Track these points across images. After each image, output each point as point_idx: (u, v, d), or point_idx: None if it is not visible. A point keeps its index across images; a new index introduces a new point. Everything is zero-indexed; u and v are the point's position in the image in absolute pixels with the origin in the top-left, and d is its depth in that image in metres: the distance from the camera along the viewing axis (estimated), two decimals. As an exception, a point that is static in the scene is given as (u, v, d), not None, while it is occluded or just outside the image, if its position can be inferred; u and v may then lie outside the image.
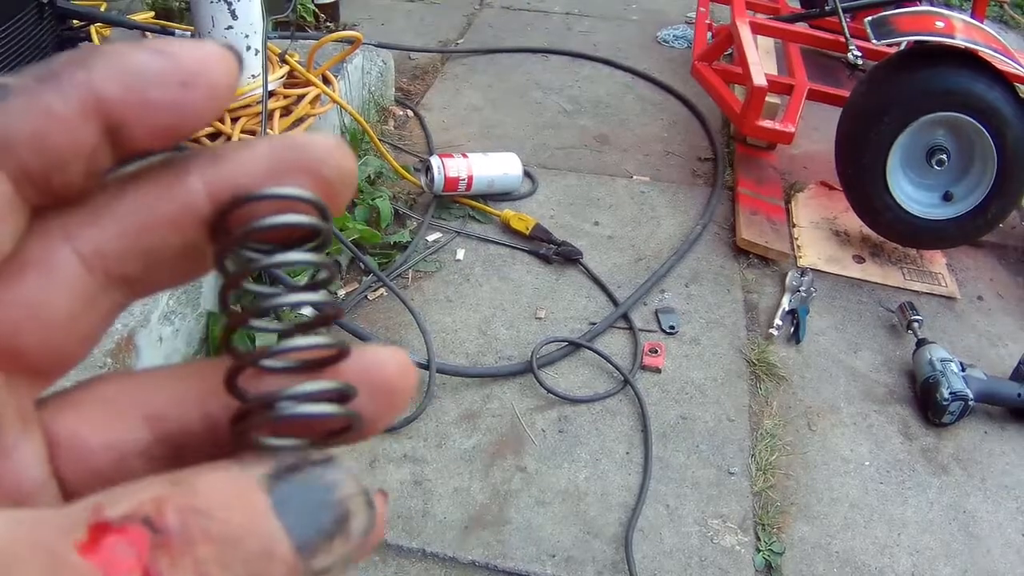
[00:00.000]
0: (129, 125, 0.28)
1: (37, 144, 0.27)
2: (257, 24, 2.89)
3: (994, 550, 2.38)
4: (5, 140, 0.27)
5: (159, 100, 0.28)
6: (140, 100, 0.27)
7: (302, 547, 0.26)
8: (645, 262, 3.19)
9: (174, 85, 0.28)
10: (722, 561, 2.25)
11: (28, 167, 0.27)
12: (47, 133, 0.27)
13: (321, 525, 0.26)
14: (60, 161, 0.27)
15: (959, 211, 3.16)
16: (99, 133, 0.27)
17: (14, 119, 0.27)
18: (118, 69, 0.28)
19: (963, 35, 3.04)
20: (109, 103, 0.27)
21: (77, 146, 0.27)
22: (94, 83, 0.27)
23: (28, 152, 0.27)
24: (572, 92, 4.33)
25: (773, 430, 2.61)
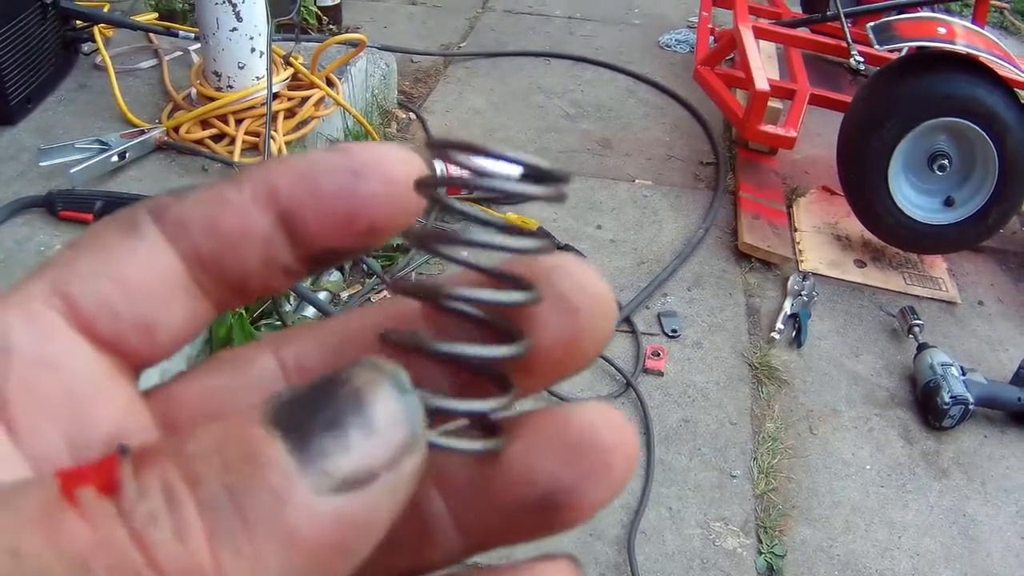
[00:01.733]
0: (302, 213, 0.28)
1: (209, 226, 0.28)
2: (261, 26, 2.90)
3: (994, 553, 2.38)
4: (179, 222, 0.28)
5: (329, 188, 0.28)
6: (311, 189, 0.28)
7: (299, 445, 0.22)
8: (647, 266, 3.19)
9: (345, 173, 0.28)
10: (724, 564, 2.25)
11: (200, 250, 0.28)
12: (219, 217, 0.28)
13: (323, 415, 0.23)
14: (232, 245, 0.28)
15: (960, 216, 3.16)
16: (273, 221, 0.28)
17: (190, 205, 0.28)
18: (294, 164, 0.29)
19: (964, 41, 3.04)
20: (282, 192, 0.28)
21: (249, 231, 0.28)
22: (270, 176, 0.28)
23: (200, 234, 0.28)
24: (574, 96, 4.34)
25: (775, 433, 2.62)
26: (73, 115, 3.03)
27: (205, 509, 0.21)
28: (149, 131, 2.84)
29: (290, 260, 0.29)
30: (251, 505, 0.22)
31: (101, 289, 0.27)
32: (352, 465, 0.22)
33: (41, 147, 2.71)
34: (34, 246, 2.42)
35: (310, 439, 0.22)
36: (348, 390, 0.23)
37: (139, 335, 0.27)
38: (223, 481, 0.22)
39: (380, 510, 0.23)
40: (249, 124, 2.93)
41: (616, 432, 0.29)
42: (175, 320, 0.28)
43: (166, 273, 0.28)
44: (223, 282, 0.29)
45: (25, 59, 2.92)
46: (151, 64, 3.39)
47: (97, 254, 0.27)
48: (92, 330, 0.27)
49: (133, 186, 2.68)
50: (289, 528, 0.22)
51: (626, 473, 0.28)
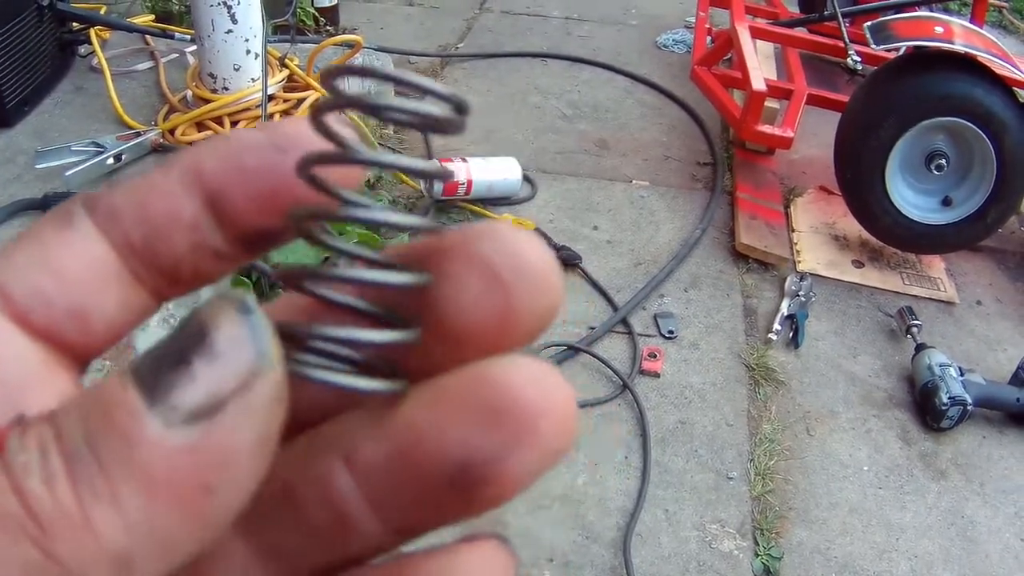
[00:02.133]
0: (228, 192, 0.28)
1: (138, 213, 0.28)
2: (257, 28, 2.90)
3: (992, 555, 2.38)
4: (111, 212, 0.28)
5: (253, 165, 0.28)
6: (235, 166, 0.28)
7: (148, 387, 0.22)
8: (644, 267, 3.19)
9: (268, 149, 0.28)
10: (720, 566, 2.25)
11: (131, 237, 0.28)
12: (147, 203, 0.28)
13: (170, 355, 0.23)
14: (160, 230, 0.28)
15: (958, 216, 3.16)
16: (200, 203, 0.28)
17: (121, 194, 0.28)
18: (220, 144, 0.29)
19: (962, 40, 3.04)
20: (208, 173, 0.28)
21: (175, 214, 0.28)
22: (196, 158, 0.28)
23: (130, 221, 0.28)
24: (571, 97, 4.34)
25: (772, 435, 2.61)
26: (69, 117, 3.03)
27: (67, 457, 0.22)
28: (145, 133, 2.84)
29: (220, 243, 0.29)
30: (105, 448, 0.22)
31: (34, 279, 0.27)
32: (198, 394, 0.22)
33: (37, 150, 2.71)
34: (29, 249, 2.42)
35: (159, 378, 0.22)
36: (194, 324, 0.23)
37: (73, 324, 0.27)
38: (82, 430, 0.22)
39: (238, 437, 0.22)
40: (244, 126, 2.93)
41: (544, 390, 0.25)
42: (109, 309, 0.28)
43: (99, 262, 0.28)
44: (156, 269, 0.28)
45: (21, 62, 2.92)
46: (147, 66, 3.39)
47: (33, 246, 0.28)
48: (26, 320, 0.27)
49: (128, 188, 2.68)
50: (142, 465, 0.21)
51: (558, 438, 0.25)
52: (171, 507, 0.22)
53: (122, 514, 0.21)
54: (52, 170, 2.64)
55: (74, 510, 0.21)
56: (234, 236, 0.29)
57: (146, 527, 0.22)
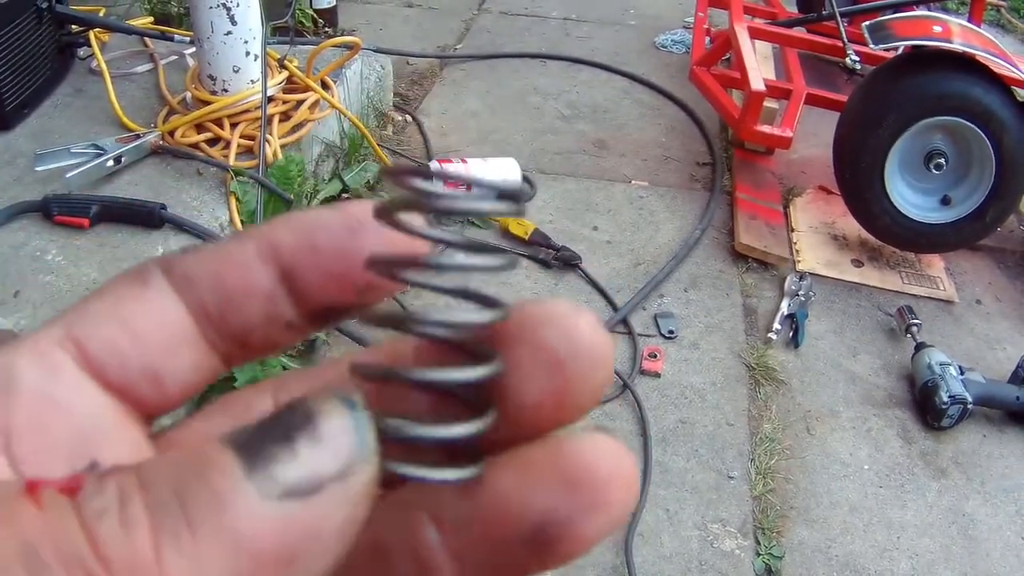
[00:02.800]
0: (302, 270, 0.29)
1: (214, 281, 0.29)
2: (256, 29, 2.89)
3: (993, 553, 2.38)
4: (187, 276, 0.29)
5: (326, 244, 0.29)
6: (309, 244, 0.29)
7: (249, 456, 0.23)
8: (644, 267, 3.19)
9: (340, 230, 0.30)
10: (722, 565, 2.25)
11: (206, 303, 0.29)
12: (224, 272, 0.29)
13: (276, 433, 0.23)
14: (235, 299, 0.29)
15: (957, 215, 3.16)
16: (274, 276, 0.29)
17: (197, 260, 0.29)
18: (295, 222, 0.30)
19: (960, 39, 3.04)
20: (283, 249, 0.29)
21: (252, 286, 0.29)
22: (272, 233, 0.30)
23: (206, 289, 0.29)
24: (570, 97, 4.34)
25: (772, 434, 2.62)
26: (69, 120, 3.03)
27: (152, 507, 0.22)
28: (144, 135, 2.83)
29: (292, 316, 0.30)
30: (195, 505, 0.22)
31: (111, 335, 0.28)
32: (299, 473, 0.23)
33: (37, 152, 2.71)
34: (30, 251, 2.42)
35: (261, 451, 0.23)
36: (302, 410, 0.24)
37: (147, 383, 0.28)
38: (173, 485, 0.22)
39: (328, 519, 0.23)
40: (244, 127, 2.93)
41: (614, 462, 0.28)
42: (182, 371, 0.29)
43: (174, 324, 0.29)
44: (228, 336, 0.30)
45: (21, 64, 2.92)
46: (147, 68, 3.38)
47: (109, 302, 0.28)
48: (102, 374, 0.28)
49: (129, 191, 2.68)
50: (232, 529, 0.22)
51: (624, 505, 0.27)
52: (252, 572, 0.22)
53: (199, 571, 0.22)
54: (52, 172, 2.63)
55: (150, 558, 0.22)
56: (306, 311, 0.30)
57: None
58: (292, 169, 2.86)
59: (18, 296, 2.28)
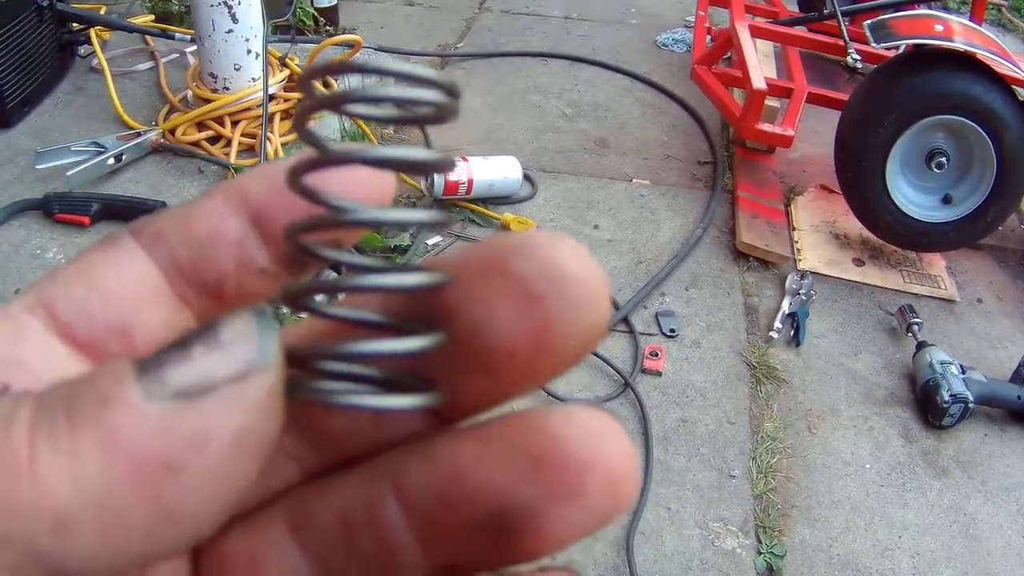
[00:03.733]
0: (272, 211, 0.29)
1: (184, 233, 0.29)
2: (257, 28, 2.89)
3: (994, 552, 2.38)
4: (156, 234, 0.29)
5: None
6: (276, 186, 0.29)
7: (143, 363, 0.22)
8: (645, 265, 3.19)
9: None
10: (723, 564, 2.25)
11: (177, 256, 0.29)
12: (193, 223, 0.29)
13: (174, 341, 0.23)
14: (206, 248, 0.29)
15: (958, 214, 3.16)
16: (244, 222, 0.29)
17: (166, 218, 0.29)
18: (264, 169, 0.30)
19: (962, 38, 3.04)
20: (251, 194, 0.29)
21: (221, 233, 0.29)
22: (241, 182, 0.29)
23: (175, 241, 0.29)
24: (571, 96, 4.34)
25: (774, 433, 2.61)
26: (70, 118, 3.03)
27: (38, 408, 0.22)
28: (145, 133, 2.84)
29: (264, 260, 0.29)
30: (79, 405, 0.22)
31: (78, 295, 0.28)
32: (189, 376, 0.22)
33: (38, 150, 2.71)
34: (30, 248, 2.42)
35: (156, 356, 0.23)
36: (208, 324, 0.23)
37: (116, 338, 0.28)
38: (63, 391, 0.22)
39: (217, 426, 0.22)
40: (245, 126, 2.93)
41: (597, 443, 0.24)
42: (153, 326, 0.28)
43: (143, 280, 0.28)
44: (201, 287, 0.29)
45: (22, 62, 2.92)
46: (147, 66, 3.39)
47: (79, 268, 0.28)
48: (71, 334, 0.27)
49: (130, 188, 2.68)
50: (111, 427, 0.21)
51: (608, 500, 0.24)
52: (127, 478, 0.21)
53: (73, 468, 0.21)
54: (53, 170, 2.64)
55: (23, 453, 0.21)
56: (278, 253, 0.29)
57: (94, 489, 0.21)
58: (293, 167, 2.86)
59: (19, 294, 2.28)
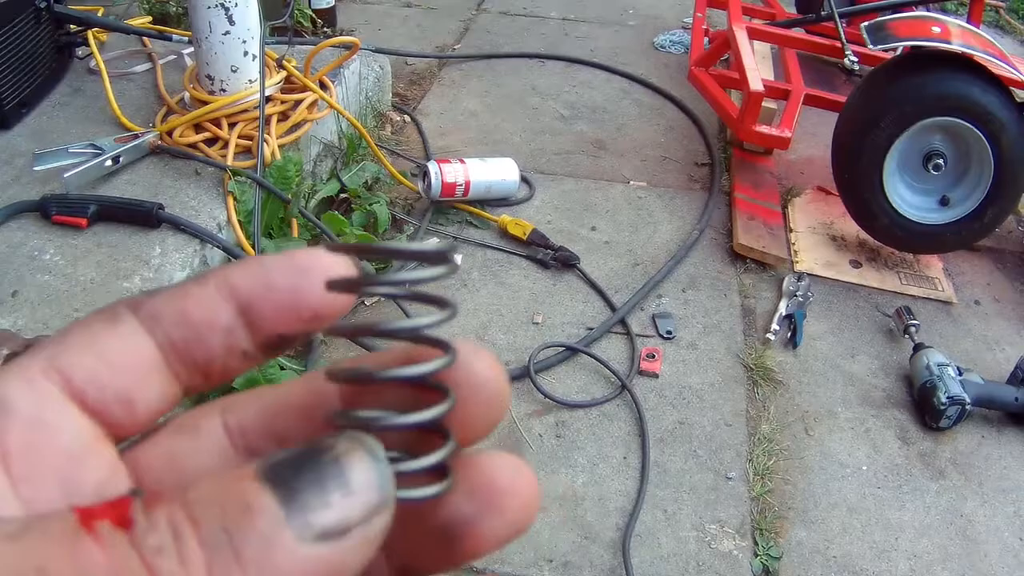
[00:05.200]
0: (256, 304, 0.33)
1: (179, 316, 0.33)
2: (254, 29, 2.89)
3: (991, 554, 2.38)
4: (153, 315, 0.32)
5: (279, 282, 0.33)
6: (264, 282, 0.33)
7: (287, 500, 0.26)
8: (642, 267, 3.19)
9: (292, 270, 0.33)
10: (720, 566, 2.25)
11: (172, 337, 0.32)
12: (187, 308, 0.33)
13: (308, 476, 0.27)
14: (200, 332, 0.33)
15: (956, 216, 3.16)
16: (233, 312, 0.33)
17: (162, 300, 0.33)
18: (250, 266, 0.34)
19: (959, 40, 3.04)
20: (239, 287, 0.33)
21: (213, 320, 0.33)
22: (229, 275, 0.33)
23: (171, 323, 0.32)
24: (569, 97, 4.34)
25: (770, 435, 2.62)
26: (67, 119, 3.03)
27: (205, 545, 0.25)
28: (143, 135, 2.83)
29: (248, 345, 0.34)
30: (244, 545, 0.25)
31: (90, 364, 0.31)
32: (331, 519, 0.26)
33: (35, 152, 2.71)
34: (28, 250, 2.42)
35: (296, 494, 0.26)
36: (331, 456, 0.28)
37: (121, 407, 0.32)
38: (221, 523, 0.26)
39: (352, 559, 0.27)
40: (242, 127, 2.93)
41: (513, 477, 0.33)
42: (152, 397, 0.33)
43: (143, 356, 0.32)
44: (191, 365, 0.33)
45: (19, 64, 2.92)
46: (145, 68, 3.38)
47: (86, 336, 0.32)
48: (82, 399, 0.31)
49: (127, 190, 2.68)
50: (275, 567, 0.25)
51: (521, 514, 0.33)
52: None
53: None
54: (50, 172, 2.63)
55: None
56: (260, 340, 0.34)
57: None
58: (290, 169, 2.86)
59: (16, 296, 2.28)
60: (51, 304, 2.27)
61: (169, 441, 0.34)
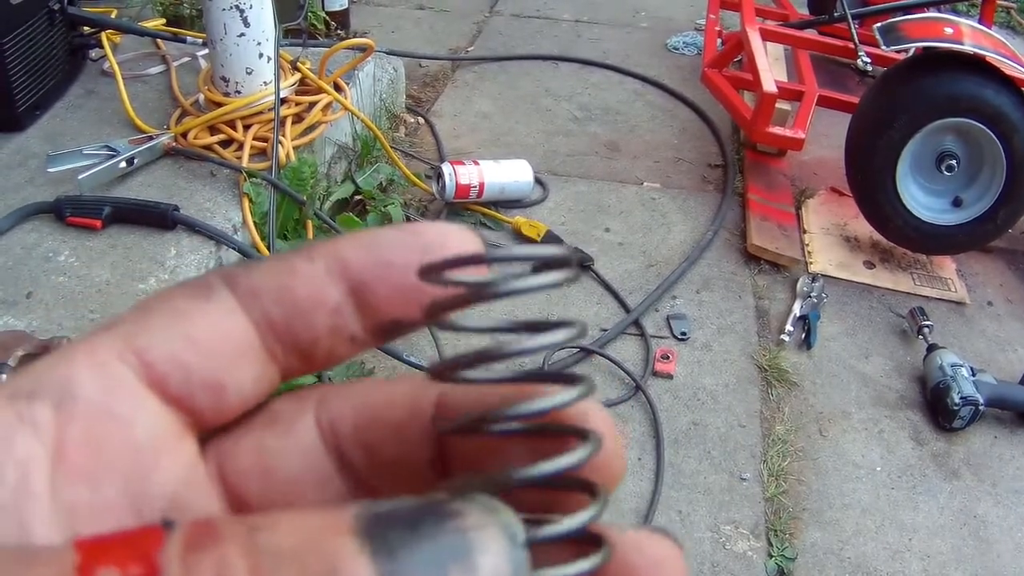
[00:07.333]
0: (372, 285, 0.29)
1: (281, 295, 0.29)
2: (269, 31, 2.90)
3: (1005, 555, 2.38)
4: (252, 290, 0.29)
5: (398, 261, 0.29)
6: (381, 261, 0.29)
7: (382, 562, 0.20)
8: (656, 268, 3.19)
9: (415, 248, 0.29)
10: (734, 567, 2.25)
11: (272, 316, 0.29)
12: (292, 286, 0.29)
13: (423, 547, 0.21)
14: (302, 312, 0.29)
15: (969, 217, 3.16)
16: (343, 291, 0.29)
17: (262, 274, 0.29)
18: (364, 239, 0.30)
19: (971, 41, 3.04)
20: (353, 265, 0.29)
21: (320, 299, 0.29)
22: (340, 249, 0.29)
23: (272, 302, 0.29)
24: (582, 99, 4.34)
25: (785, 436, 2.62)
26: (81, 121, 3.04)
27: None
28: (157, 137, 2.84)
29: (357, 329, 0.30)
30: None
31: (174, 347, 0.27)
32: None
33: (49, 153, 2.71)
34: (42, 252, 2.43)
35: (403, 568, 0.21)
36: (455, 527, 0.22)
37: (208, 395, 0.28)
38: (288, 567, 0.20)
39: None
40: (257, 129, 2.93)
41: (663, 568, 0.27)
42: (244, 382, 0.29)
43: (238, 337, 0.28)
44: (292, 348, 0.29)
45: (33, 66, 2.93)
46: (159, 70, 3.39)
47: (170, 315, 0.28)
48: (163, 387, 0.27)
49: (141, 192, 2.69)
50: None
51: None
52: None
53: None
54: (64, 174, 2.64)
55: None
56: (371, 325, 0.30)
57: None
58: (305, 171, 2.87)
59: (31, 297, 2.28)
60: (66, 305, 2.27)
61: (260, 435, 0.30)
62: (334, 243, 0.30)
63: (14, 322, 2.20)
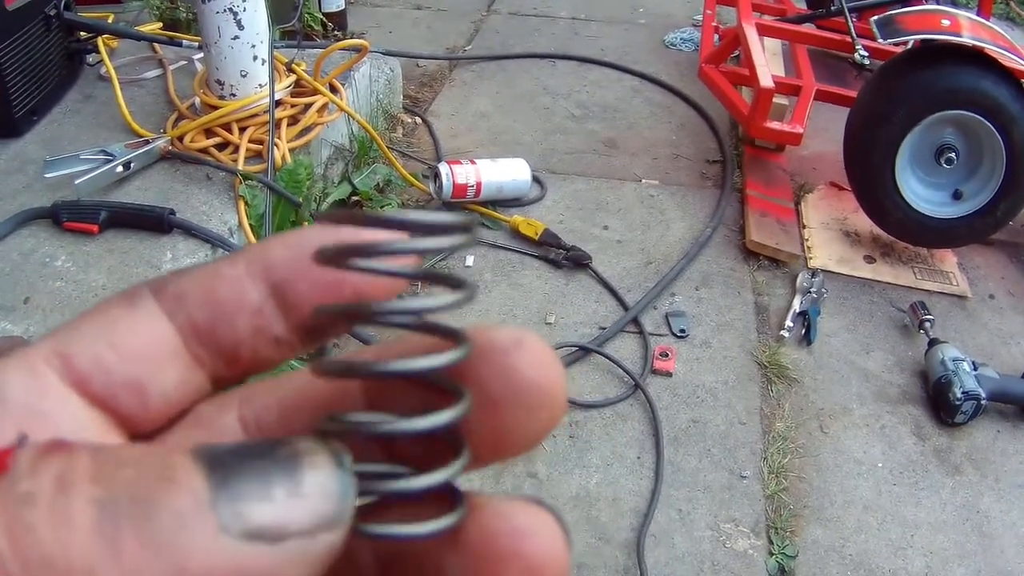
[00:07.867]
0: (293, 283, 0.30)
1: (204, 296, 0.29)
2: (263, 33, 2.89)
3: (1008, 550, 2.37)
4: (177, 296, 0.29)
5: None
6: (299, 256, 0.30)
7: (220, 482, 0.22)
8: (655, 266, 3.19)
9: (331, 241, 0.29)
10: (735, 565, 2.24)
11: (195, 319, 0.29)
12: (214, 288, 0.29)
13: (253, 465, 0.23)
14: (225, 313, 0.29)
15: (969, 209, 3.15)
16: (265, 292, 0.30)
17: (187, 279, 0.30)
18: (290, 239, 0.30)
19: (970, 33, 3.03)
20: (275, 263, 0.30)
21: (240, 301, 0.30)
22: (264, 251, 0.30)
23: (195, 304, 0.29)
24: (580, 97, 4.33)
25: (785, 433, 2.61)
26: (78, 126, 3.04)
27: (99, 505, 0.21)
28: (154, 141, 2.84)
29: (281, 330, 0.30)
30: (150, 517, 0.21)
31: (97, 351, 0.28)
32: (268, 517, 0.22)
33: (46, 159, 2.71)
34: (39, 257, 2.42)
35: (232, 479, 0.22)
36: (287, 452, 0.23)
37: (130, 395, 0.28)
38: (130, 486, 0.21)
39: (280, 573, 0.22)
40: (253, 132, 2.93)
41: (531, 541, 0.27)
42: (167, 386, 0.29)
43: (160, 341, 0.29)
44: (216, 351, 0.30)
45: (30, 71, 2.93)
46: (155, 74, 3.39)
47: (99, 321, 0.29)
48: (86, 387, 0.28)
49: (138, 196, 2.68)
50: (182, 552, 0.21)
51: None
52: None
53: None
54: (61, 179, 2.64)
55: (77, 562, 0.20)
56: (295, 324, 0.30)
57: None
58: (301, 173, 2.87)
59: (28, 303, 2.28)
60: (63, 310, 2.27)
61: (185, 435, 0.30)
62: (262, 245, 0.30)
63: (11, 328, 2.21)
